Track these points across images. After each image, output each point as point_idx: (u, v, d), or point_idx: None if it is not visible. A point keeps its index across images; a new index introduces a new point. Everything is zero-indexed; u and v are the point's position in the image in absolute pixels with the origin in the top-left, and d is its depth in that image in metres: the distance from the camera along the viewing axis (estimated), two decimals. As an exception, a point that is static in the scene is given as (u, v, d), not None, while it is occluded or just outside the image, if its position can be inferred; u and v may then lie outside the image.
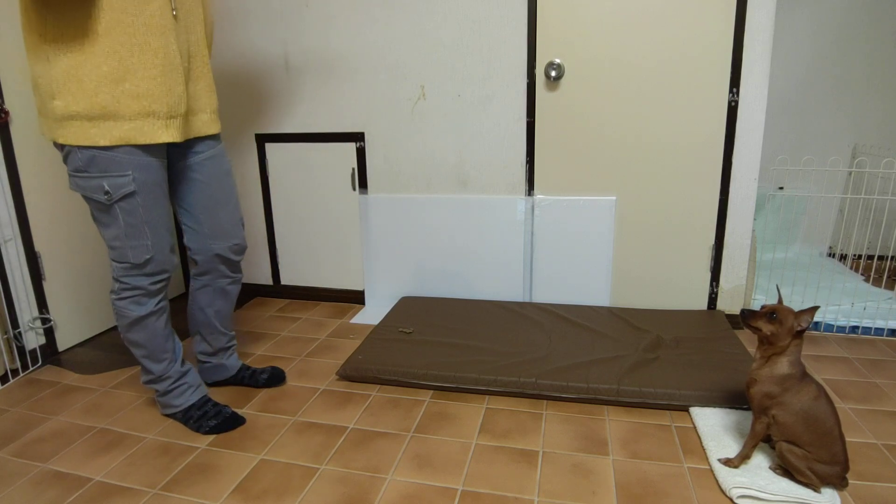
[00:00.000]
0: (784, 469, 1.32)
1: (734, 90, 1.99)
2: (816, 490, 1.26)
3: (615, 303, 2.29)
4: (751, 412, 1.38)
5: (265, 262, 2.66)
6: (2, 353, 1.91)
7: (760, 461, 1.37)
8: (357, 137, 2.37)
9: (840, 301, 2.23)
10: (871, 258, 2.71)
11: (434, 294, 2.46)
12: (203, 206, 1.61)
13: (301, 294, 2.65)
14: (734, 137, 2.03)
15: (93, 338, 2.26)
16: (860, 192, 2.49)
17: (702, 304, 2.22)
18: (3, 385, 1.90)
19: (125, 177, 1.39)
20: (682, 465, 1.41)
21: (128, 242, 1.45)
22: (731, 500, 1.28)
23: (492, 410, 1.68)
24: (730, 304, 2.20)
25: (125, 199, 1.40)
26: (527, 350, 1.91)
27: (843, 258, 2.77)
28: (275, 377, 1.85)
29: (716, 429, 1.51)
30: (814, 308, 1.27)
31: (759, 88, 1.98)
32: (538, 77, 2.12)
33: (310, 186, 2.49)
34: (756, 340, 1.36)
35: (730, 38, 1.95)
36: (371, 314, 2.43)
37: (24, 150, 1.95)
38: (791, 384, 1.28)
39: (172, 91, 1.40)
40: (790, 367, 1.28)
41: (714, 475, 1.36)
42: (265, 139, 2.49)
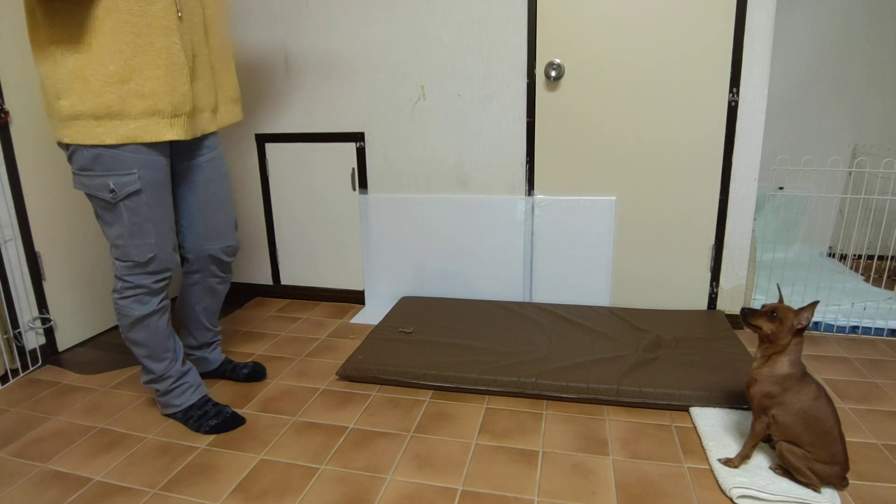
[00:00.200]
0: (784, 469, 1.31)
1: (734, 90, 1.99)
2: (816, 490, 1.26)
3: (615, 303, 2.29)
4: (751, 412, 1.38)
5: (265, 262, 2.66)
6: (2, 353, 1.91)
7: (760, 461, 1.37)
8: (357, 137, 2.37)
9: (840, 301, 2.23)
10: (871, 258, 2.71)
11: (434, 294, 2.46)
12: (200, 208, 1.63)
13: (301, 294, 2.65)
14: (734, 137, 2.03)
15: (93, 338, 2.26)
16: (860, 192, 2.49)
17: (702, 304, 2.22)
18: (3, 385, 1.90)
19: (130, 175, 1.40)
20: (682, 465, 1.41)
21: (131, 241, 1.46)
22: (731, 500, 1.28)
23: (492, 410, 1.68)
24: (730, 304, 2.20)
25: (130, 198, 1.42)
26: (527, 350, 1.91)
27: (843, 258, 2.77)
28: (256, 372, 1.88)
29: (716, 429, 1.51)
30: (813, 304, 1.27)
31: (759, 88, 1.98)
32: (538, 77, 2.12)
33: (310, 186, 2.49)
34: (756, 340, 1.36)
35: (730, 38, 1.95)
36: (371, 314, 2.43)
37: (24, 150, 1.95)
38: (791, 384, 1.28)
39: (177, 90, 1.41)
40: (791, 367, 1.28)
41: (714, 475, 1.36)
42: (265, 139, 2.49)
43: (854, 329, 2.12)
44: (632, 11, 2.00)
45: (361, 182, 2.42)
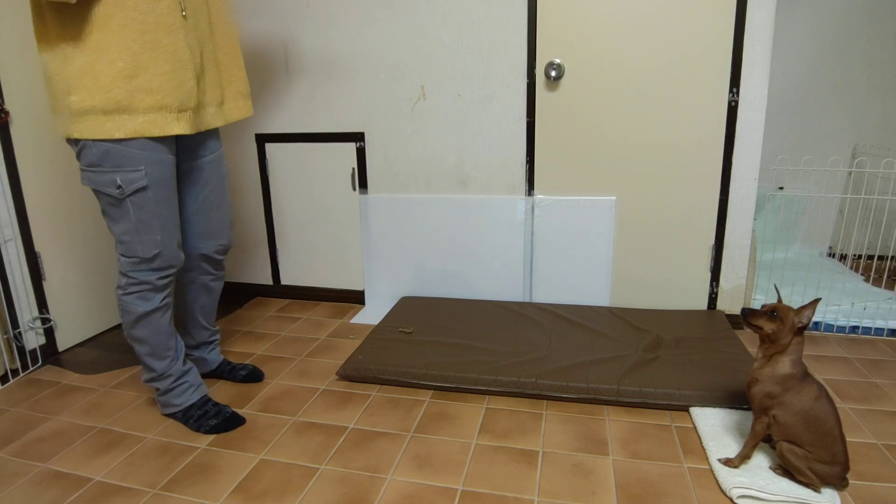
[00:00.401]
0: (784, 469, 1.31)
1: (734, 90, 1.99)
2: (816, 490, 1.26)
3: (615, 303, 2.29)
4: (751, 412, 1.38)
5: (265, 262, 2.66)
6: (2, 353, 1.91)
7: (760, 461, 1.37)
8: (357, 137, 2.37)
9: (840, 301, 2.23)
10: (871, 258, 2.71)
11: (434, 294, 2.46)
12: (198, 208, 1.65)
13: (301, 294, 2.65)
14: (734, 137, 2.03)
15: (93, 338, 2.26)
16: (860, 192, 2.49)
17: (702, 304, 2.22)
18: (3, 385, 1.90)
19: (138, 171, 1.42)
20: (682, 465, 1.41)
21: (137, 237, 1.47)
22: (731, 500, 1.28)
23: (492, 410, 1.68)
24: (730, 304, 2.20)
25: (137, 194, 1.44)
26: (527, 350, 1.91)
27: (843, 258, 2.77)
28: (253, 375, 1.89)
29: (716, 429, 1.51)
30: (814, 302, 1.26)
31: (759, 88, 1.98)
32: (538, 77, 2.12)
33: (310, 186, 2.49)
34: (756, 340, 1.36)
35: (730, 39, 1.95)
36: (371, 314, 2.43)
37: (24, 150, 1.95)
38: (792, 384, 1.28)
39: (182, 86, 1.43)
40: (791, 367, 1.28)
41: (714, 475, 1.36)
42: (265, 139, 2.49)
43: (854, 329, 2.12)
44: (632, 11, 2.00)
45: (361, 182, 2.42)
